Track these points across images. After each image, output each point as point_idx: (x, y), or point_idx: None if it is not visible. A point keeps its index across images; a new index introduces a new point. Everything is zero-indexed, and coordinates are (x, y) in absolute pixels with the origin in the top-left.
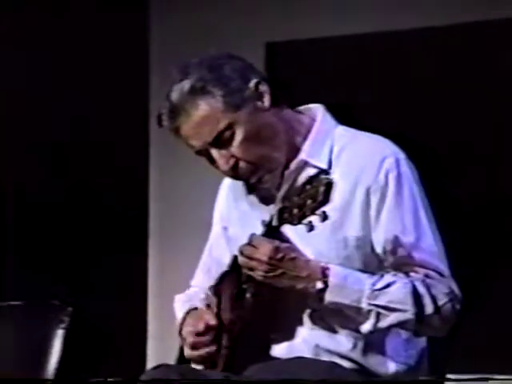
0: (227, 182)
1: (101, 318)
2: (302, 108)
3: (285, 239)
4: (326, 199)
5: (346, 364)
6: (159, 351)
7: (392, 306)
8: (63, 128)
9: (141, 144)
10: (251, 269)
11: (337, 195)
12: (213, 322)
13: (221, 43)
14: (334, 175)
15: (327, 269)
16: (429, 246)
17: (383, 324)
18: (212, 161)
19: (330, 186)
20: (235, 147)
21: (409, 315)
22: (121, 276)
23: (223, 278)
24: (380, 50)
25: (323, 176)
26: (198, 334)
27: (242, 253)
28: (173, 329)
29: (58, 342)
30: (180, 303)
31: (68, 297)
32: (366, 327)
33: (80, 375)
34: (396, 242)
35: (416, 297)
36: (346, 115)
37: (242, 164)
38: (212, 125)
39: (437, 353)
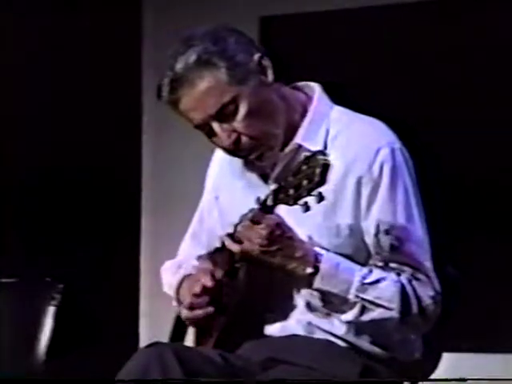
0: (221, 152)
1: (92, 295)
2: (298, 84)
3: None
4: (322, 180)
5: (339, 342)
6: (152, 329)
7: (379, 302)
8: (54, 103)
9: (134, 119)
10: (248, 240)
11: (331, 178)
12: (209, 283)
13: (214, 16)
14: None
15: (320, 254)
16: (418, 241)
17: (365, 318)
18: (211, 135)
19: (326, 167)
20: (238, 122)
21: (393, 314)
22: (113, 254)
23: (214, 254)
24: (380, 24)
25: (320, 157)
26: (195, 295)
27: (242, 226)
28: (165, 307)
29: (49, 318)
30: (171, 269)
31: (59, 274)
32: (346, 317)
33: (71, 352)
34: (386, 235)
35: (403, 297)
36: (341, 94)
37: (244, 139)
38: (216, 97)
39: (431, 333)
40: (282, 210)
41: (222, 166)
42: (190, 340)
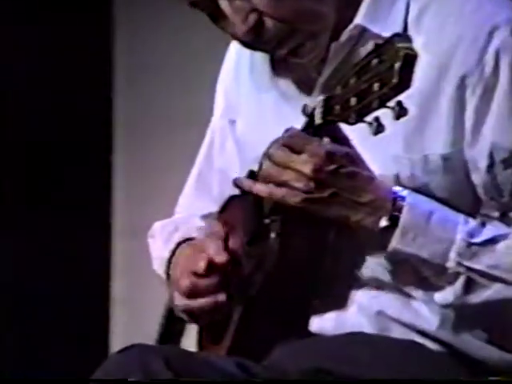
0: (237, 48)
1: (43, 272)
2: None
3: None
4: (404, 82)
5: (429, 345)
6: (129, 323)
7: (495, 273)
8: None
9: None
10: (283, 185)
11: (418, 79)
12: (221, 258)
13: None
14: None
15: (401, 197)
16: None
17: (474, 298)
18: (218, 18)
19: (411, 59)
20: None
21: None
22: (74, 216)
23: (230, 205)
24: None
25: (400, 44)
26: (197, 276)
27: (270, 157)
28: (148, 291)
29: None
30: (163, 234)
31: None
32: (444, 297)
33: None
34: (506, 168)
35: None
36: None
37: (268, 23)
38: None
39: None
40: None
41: (238, 71)
42: (189, 342)
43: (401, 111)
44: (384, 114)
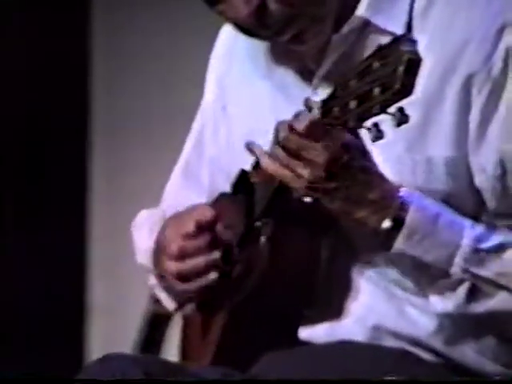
0: (230, 35)
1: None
2: None
3: None
4: (407, 88)
5: (423, 355)
6: (106, 330)
7: (502, 281)
8: None
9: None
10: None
11: (422, 84)
12: (207, 214)
13: None
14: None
15: (409, 198)
16: None
17: (478, 307)
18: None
19: (416, 64)
20: None
21: None
22: (48, 212)
23: (219, 203)
24: None
25: (406, 47)
26: (186, 237)
27: (281, 142)
28: (129, 293)
29: None
30: (148, 224)
31: None
32: (444, 305)
33: None
34: None
35: None
36: None
37: (273, 7)
38: None
39: None
40: None
41: (232, 55)
42: (171, 351)
43: (402, 118)
44: (385, 121)
